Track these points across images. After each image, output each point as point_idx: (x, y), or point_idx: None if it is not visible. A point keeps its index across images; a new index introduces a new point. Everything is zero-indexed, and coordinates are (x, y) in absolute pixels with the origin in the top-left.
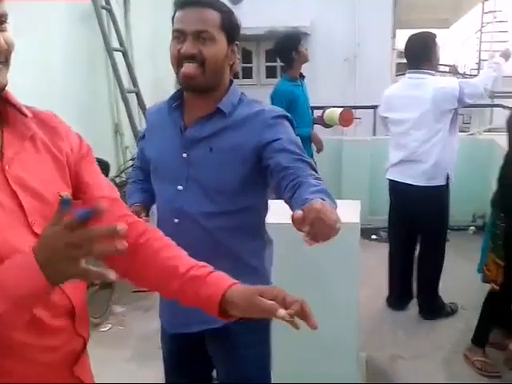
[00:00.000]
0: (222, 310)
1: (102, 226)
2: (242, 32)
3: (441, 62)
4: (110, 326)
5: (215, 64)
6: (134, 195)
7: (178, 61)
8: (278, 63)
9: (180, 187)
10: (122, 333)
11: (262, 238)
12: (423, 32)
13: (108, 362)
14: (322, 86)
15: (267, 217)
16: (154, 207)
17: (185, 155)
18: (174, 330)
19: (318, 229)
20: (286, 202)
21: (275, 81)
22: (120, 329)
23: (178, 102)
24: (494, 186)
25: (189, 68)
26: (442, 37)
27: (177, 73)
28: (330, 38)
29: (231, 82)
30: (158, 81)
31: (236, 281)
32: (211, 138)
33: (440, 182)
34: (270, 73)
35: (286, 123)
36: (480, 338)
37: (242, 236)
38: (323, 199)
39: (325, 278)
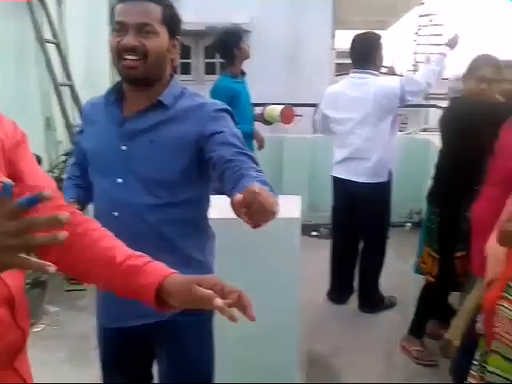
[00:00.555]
0: (160, 301)
1: (43, 215)
2: (181, 27)
3: None
4: (43, 326)
5: (157, 57)
6: (69, 191)
7: (120, 53)
8: (218, 59)
9: (119, 180)
10: (57, 333)
11: (205, 231)
12: (368, 32)
13: (43, 363)
14: (262, 83)
15: (209, 212)
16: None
17: (124, 148)
18: (113, 324)
19: (256, 210)
20: (227, 194)
21: (215, 77)
22: (54, 329)
23: (116, 95)
24: (429, 183)
25: (131, 60)
26: None
27: (117, 65)
28: (271, 36)
29: (172, 76)
30: (93, 74)
31: (174, 270)
32: (152, 131)
33: (383, 178)
34: (210, 69)
35: (228, 117)
36: (417, 329)
37: (184, 229)
38: None
39: (266, 273)
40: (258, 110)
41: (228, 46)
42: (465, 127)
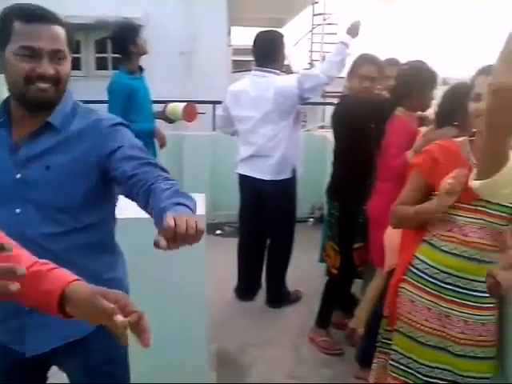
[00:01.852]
0: (62, 308)
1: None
2: (70, 21)
3: None
4: None
5: (67, 81)
6: None
7: (31, 80)
8: (109, 54)
9: (18, 210)
10: None
11: (114, 250)
12: (271, 30)
13: None
14: (158, 79)
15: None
16: None
17: (19, 176)
18: (33, 351)
19: (182, 241)
20: (143, 209)
21: (106, 73)
22: None
23: (3, 117)
24: (328, 179)
25: (44, 87)
26: None
27: (21, 89)
28: (165, 31)
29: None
30: None
31: (79, 277)
32: (47, 155)
33: (286, 175)
34: (101, 64)
35: (124, 129)
36: (323, 320)
37: (93, 252)
38: (179, 203)
39: (172, 272)
40: (158, 107)
41: (124, 42)
42: (351, 124)
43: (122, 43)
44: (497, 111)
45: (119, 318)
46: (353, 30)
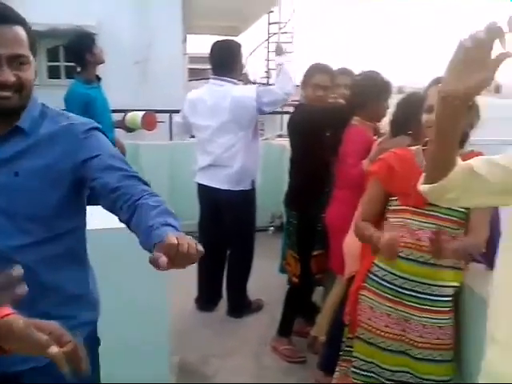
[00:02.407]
0: None
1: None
2: None
3: None
4: None
5: (31, 87)
6: None
7: None
8: (62, 63)
9: None
10: None
11: (85, 263)
12: (228, 39)
13: None
14: (112, 88)
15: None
16: None
17: None
18: None
19: (180, 260)
20: (124, 223)
21: (59, 82)
22: None
23: None
24: (286, 187)
25: (6, 95)
26: None
27: None
28: (119, 40)
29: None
30: None
31: (13, 311)
32: (15, 161)
33: (246, 186)
34: (53, 73)
35: (100, 135)
36: (285, 329)
37: (65, 264)
38: (168, 224)
39: (134, 285)
40: (116, 116)
41: (80, 51)
42: (306, 132)
43: (78, 52)
44: (446, 118)
45: (53, 349)
46: (278, 51)
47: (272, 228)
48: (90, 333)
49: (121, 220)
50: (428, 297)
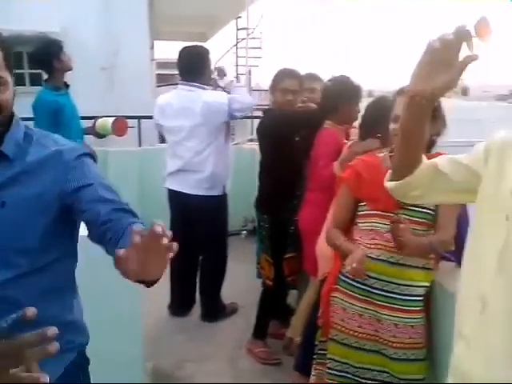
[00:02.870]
0: None
1: (32, 334)
2: None
3: None
4: None
5: (10, 108)
6: None
7: None
8: (26, 70)
9: None
10: None
11: (73, 288)
12: (196, 45)
13: None
14: (80, 95)
15: None
16: None
17: None
18: None
19: (153, 261)
20: (111, 255)
21: (23, 89)
22: None
23: None
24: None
25: None
26: None
27: None
28: (85, 46)
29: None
30: None
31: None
32: (1, 190)
33: (218, 192)
34: (17, 80)
35: (90, 162)
36: (260, 331)
37: (53, 293)
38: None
39: (107, 293)
40: (85, 123)
41: (47, 58)
42: (275, 136)
43: (45, 59)
44: (412, 116)
45: None
46: (220, 74)
47: (245, 232)
48: (81, 352)
49: (108, 252)
50: (398, 296)
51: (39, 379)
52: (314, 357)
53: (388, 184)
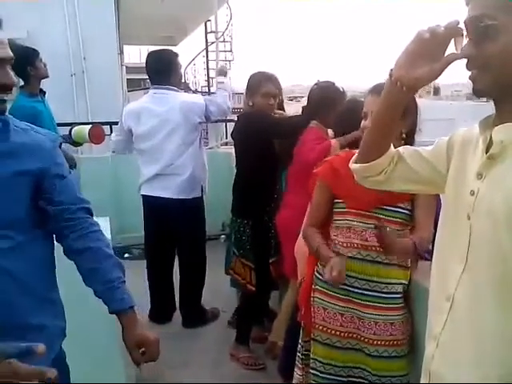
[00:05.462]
0: None
1: (32, 369)
2: None
3: None
4: None
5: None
6: None
7: None
8: None
9: None
10: None
11: (54, 267)
12: (163, 49)
13: None
14: (50, 101)
15: None
16: None
17: None
18: None
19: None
20: (66, 249)
21: None
22: None
23: None
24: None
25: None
26: None
27: None
28: (53, 52)
29: None
30: None
31: None
32: None
33: (196, 194)
34: None
35: (61, 152)
36: (242, 336)
37: (38, 266)
38: (123, 281)
39: (86, 297)
40: (61, 130)
41: (22, 65)
42: (253, 139)
43: (20, 66)
44: (389, 102)
45: None
46: (221, 73)
47: (223, 236)
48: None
49: (62, 244)
50: (377, 294)
51: (46, 374)
52: (297, 358)
53: (353, 166)
